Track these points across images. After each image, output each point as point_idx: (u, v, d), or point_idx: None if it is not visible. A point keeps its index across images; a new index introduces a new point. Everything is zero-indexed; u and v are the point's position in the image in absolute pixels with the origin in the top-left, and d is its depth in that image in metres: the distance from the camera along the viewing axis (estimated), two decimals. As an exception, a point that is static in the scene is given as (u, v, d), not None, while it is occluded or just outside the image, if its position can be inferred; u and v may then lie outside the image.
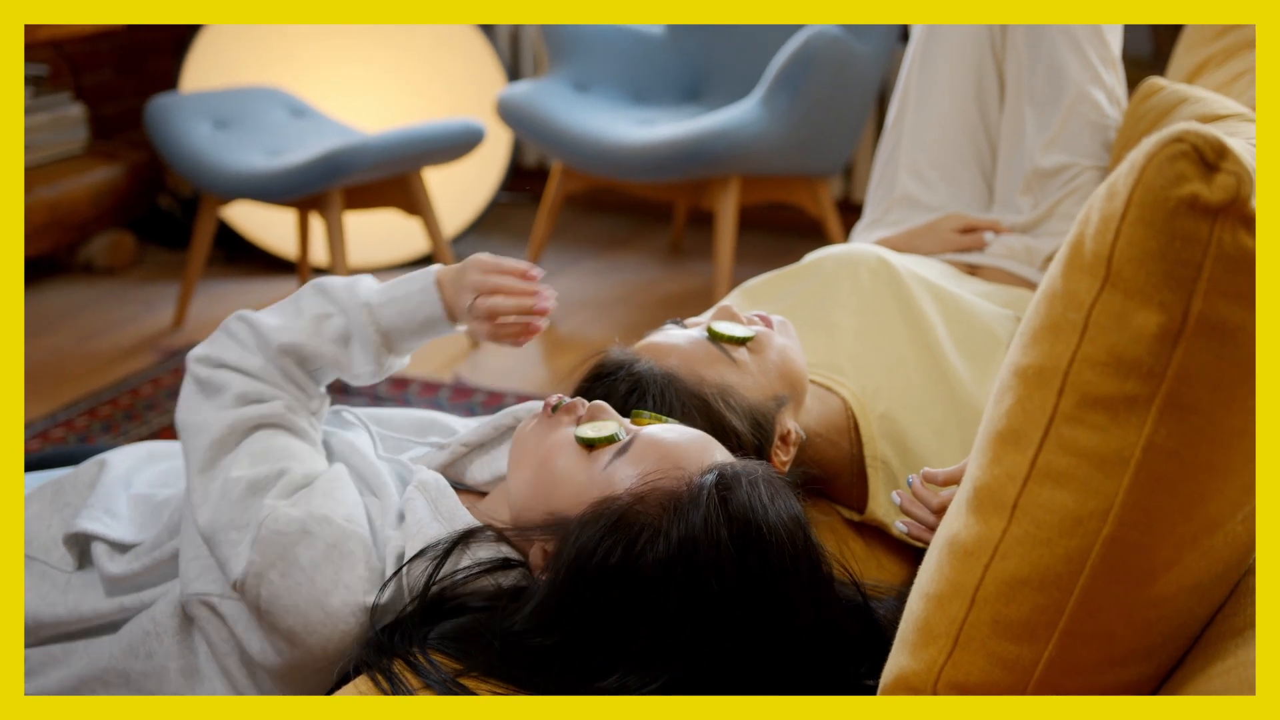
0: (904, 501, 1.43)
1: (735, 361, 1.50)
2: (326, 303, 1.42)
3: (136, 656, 1.40)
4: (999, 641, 1.00)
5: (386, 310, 1.41)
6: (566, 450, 1.29)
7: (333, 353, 1.40)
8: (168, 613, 1.39)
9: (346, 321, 1.41)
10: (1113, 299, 0.92)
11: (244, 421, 1.35)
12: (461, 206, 4.26)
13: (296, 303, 1.43)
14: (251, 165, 3.44)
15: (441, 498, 1.34)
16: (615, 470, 1.25)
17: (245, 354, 1.40)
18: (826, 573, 1.25)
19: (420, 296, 1.41)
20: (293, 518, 1.27)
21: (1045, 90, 2.15)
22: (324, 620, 1.24)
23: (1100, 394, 0.93)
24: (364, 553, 1.27)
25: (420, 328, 1.42)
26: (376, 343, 1.41)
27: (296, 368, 1.40)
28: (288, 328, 1.40)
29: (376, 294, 1.42)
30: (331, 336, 1.41)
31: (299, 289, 1.44)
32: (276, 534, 1.26)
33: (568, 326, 3.73)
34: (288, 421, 1.37)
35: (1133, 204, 0.90)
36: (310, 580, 1.25)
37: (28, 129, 3.94)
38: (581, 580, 1.19)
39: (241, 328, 1.42)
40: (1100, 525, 0.94)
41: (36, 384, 3.31)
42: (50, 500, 1.59)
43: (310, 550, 1.26)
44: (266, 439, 1.35)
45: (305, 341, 1.40)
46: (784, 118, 3.39)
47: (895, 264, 1.80)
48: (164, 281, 4.07)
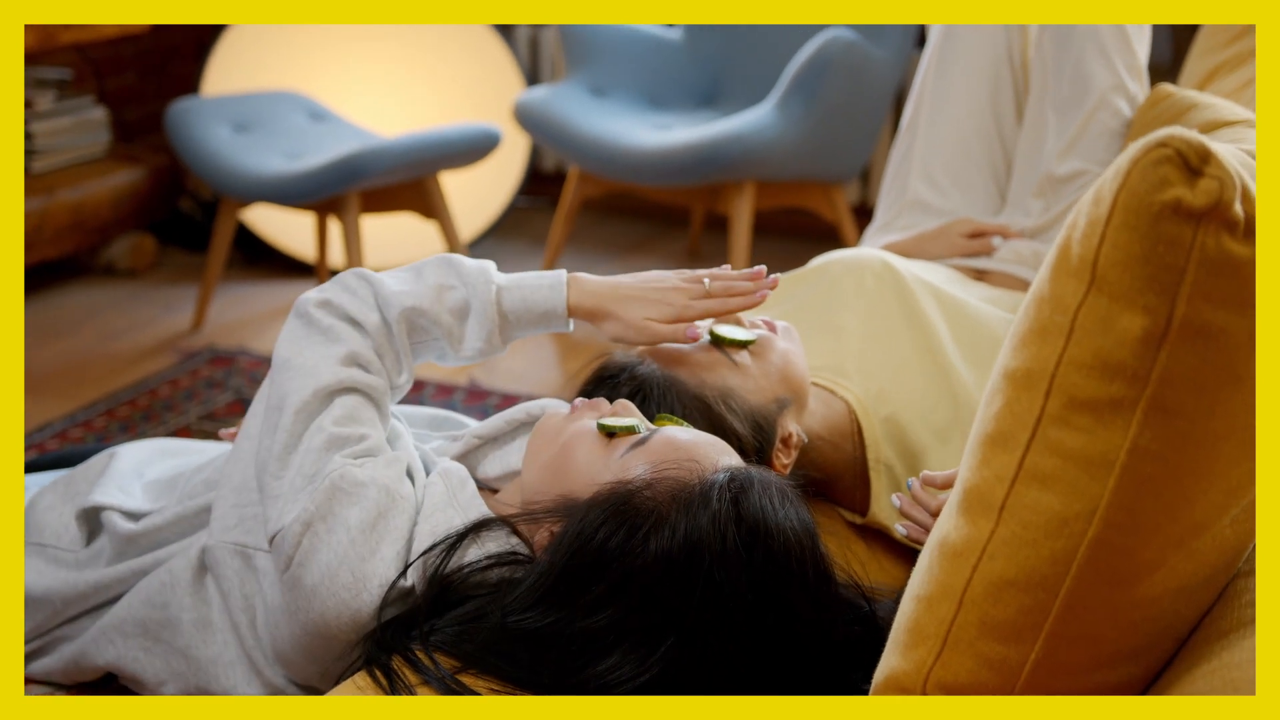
0: (903, 505, 1.44)
1: (737, 365, 1.51)
2: (451, 275, 1.44)
3: (153, 606, 1.42)
4: (986, 642, 1.01)
5: (511, 295, 1.44)
6: (586, 436, 1.31)
7: (448, 323, 1.43)
8: (184, 565, 1.42)
9: (468, 295, 1.43)
10: (1098, 303, 0.93)
11: (351, 381, 1.37)
12: (480, 210, 4.28)
13: (419, 270, 1.46)
14: (270, 168, 3.46)
15: (460, 487, 1.35)
16: (631, 459, 1.27)
17: (365, 309, 1.41)
18: (832, 580, 1.26)
19: (549, 291, 1.45)
20: (358, 479, 1.29)
21: (1069, 95, 2.15)
22: (349, 584, 1.25)
23: (1086, 397, 0.94)
24: (408, 530, 1.29)
25: (538, 319, 1.46)
26: (495, 322, 1.43)
27: (407, 335, 1.42)
28: (410, 292, 1.42)
29: (505, 278, 1.46)
30: (451, 307, 1.43)
31: (426, 259, 1.47)
32: (336, 489, 1.28)
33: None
34: (381, 401, 1.39)
35: (1117, 208, 0.91)
36: (351, 542, 1.26)
37: (51, 133, 3.98)
38: (580, 560, 1.20)
39: (361, 285, 1.44)
40: (1085, 527, 0.95)
41: (56, 384, 3.34)
42: (62, 492, 1.61)
43: (362, 513, 1.27)
44: (359, 403, 1.37)
45: (428, 308, 1.42)
46: (799, 123, 3.40)
47: (900, 269, 1.81)
48: (184, 284, 4.10)
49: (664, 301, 1.47)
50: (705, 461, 1.26)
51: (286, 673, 1.36)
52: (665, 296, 1.47)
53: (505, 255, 4.39)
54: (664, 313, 1.47)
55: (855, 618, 1.28)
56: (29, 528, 1.58)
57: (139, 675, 1.44)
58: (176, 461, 1.66)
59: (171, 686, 1.42)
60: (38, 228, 3.72)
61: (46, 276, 4.08)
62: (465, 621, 1.22)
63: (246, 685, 1.38)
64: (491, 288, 1.44)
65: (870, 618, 1.29)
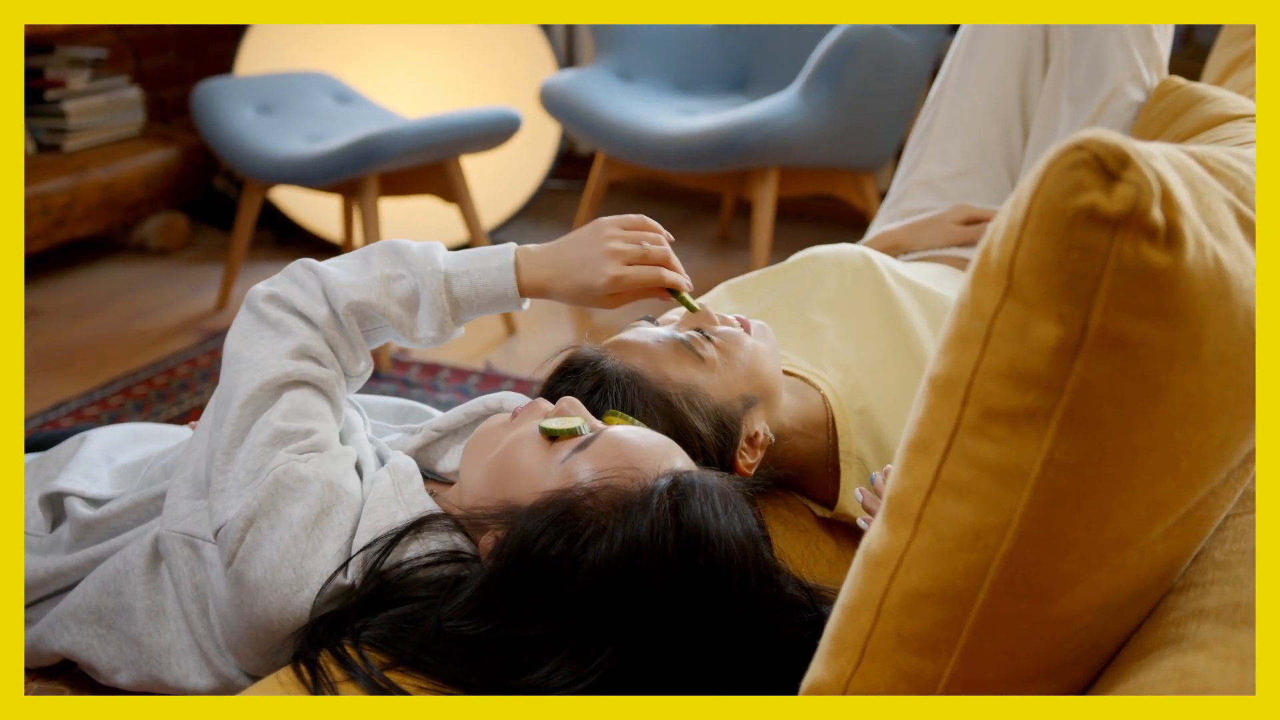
0: (865, 499, 1.42)
1: (703, 360, 1.48)
2: (398, 263, 1.43)
3: (107, 594, 1.42)
4: (903, 655, 0.99)
5: (460, 281, 1.43)
6: (528, 440, 1.29)
7: (398, 314, 1.41)
8: (138, 552, 1.41)
9: (417, 284, 1.41)
10: (1014, 309, 0.90)
11: (300, 374, 1.36)
12: (512, 191, 4.28)
13: (366, 258, 1.44)
14: (290, 150, 3.47)
15: (406, 481, 1.34)
16: (573, 464, 1.25)
17: (312, 303, 1.40)
18: (779, 588, 1.24)
19: (497, 274, 1.43)
20: (302, 474, 1.28)
21: (1084, 84, 2.11)
22: (290, 581, 1.24)
23: (1001, 406, 0.91)
24: (351, 526, 1.27)
25: (490, 303, 1.45)
26: (446, 310, 1.42)
27: (358, 325, 1.41)
28: (357, 284, 1.40)
29: (452, 262, 1.43)
30: (399, 298, 1.41)
31: (369, 245, 1.45)
32: (280, 484, 1.27)
33: (606, 315, 3.73)
34: (333, 393, 1.38)
35: (1032, 213, 0.88)
36: (293, 539, 1.25)
37: (84, 111, 4.00)
38: (520, 569, 1.18)
39: (309, 277, 1.42)
40: (999, 540, 0.92)
41: (79, 362, 3.37)
42: (31, 475, 1.61)
43: (305, 510, 1.26)
44: (308, 397, 1.35)
45: (375, 300, 1.40)
46: (823, 109, 3.36)
47: (879, 265, 1.78)
48: (214, 263, 4.12)
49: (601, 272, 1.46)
50: (648, 466, 1.23)
51: (238, 663, 1.36)
52: (603, 267, 1.46)
53: (536, 238, 4.38)
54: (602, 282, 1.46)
55: (804, 622, 1.26)
56: (-8, 511, 1.58)
57: (93, 663, 1.44)
58: (147, 447, 1.66)
59: (125, 675, 1.42)
60: (68, 205, 3.75)
61: (77, 254, 4.12)
62: (402, 621, 1.21)
63: (198, 676, 1.38)
64: (439, 276, 1.41)
65: (820, 622, 1.26)
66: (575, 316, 3.77)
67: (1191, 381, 0.89)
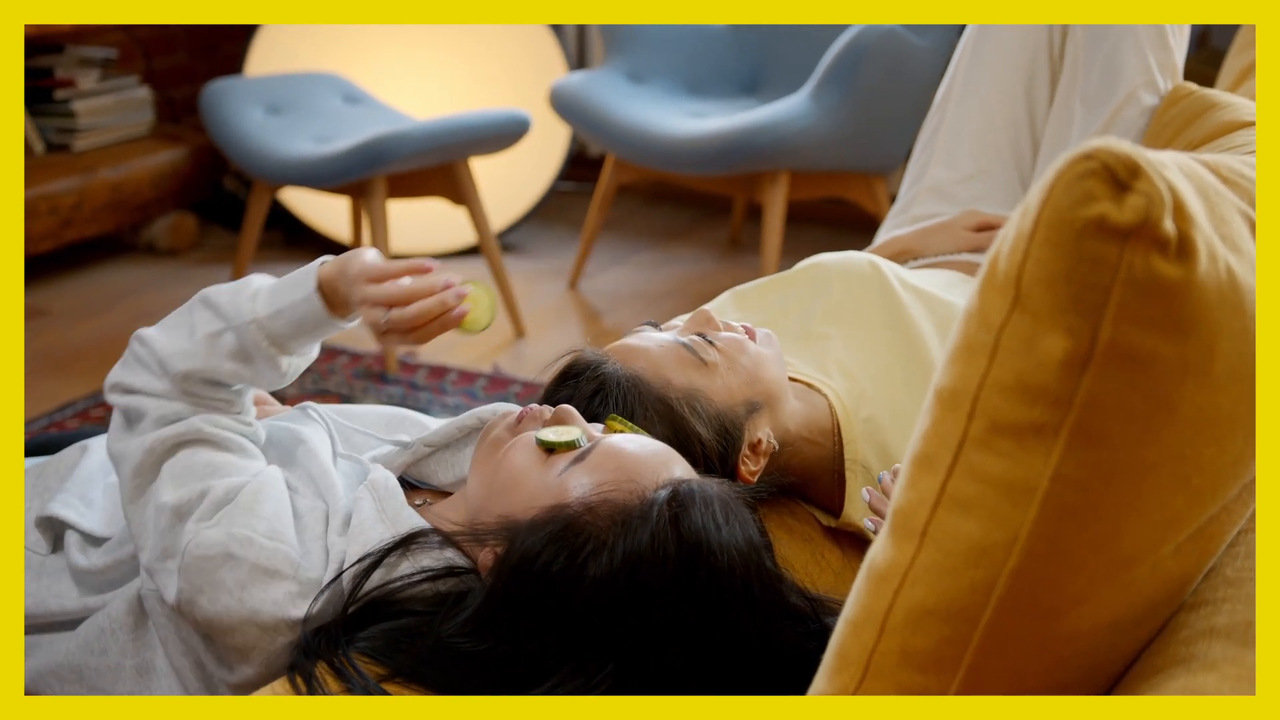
0: (872, 499, 1.40)
1: (705, 364, 1.47)
2: (215, 318, 1.37)
3: (91, 653, 1.40)
4: (907, 672, 0.97)
5: (275, 322, 1.36)
6: (525, 453, 1.27)
7: (233, 370, 1.36)
8: (123, 610, 1.39)
9: (239, 337, 1.36)
10: (1022, 321, 0.88)
11: (161, 444, 1.33)
12: (522, 193, 4.26)
13: (190, 317, 1.38)
14: (298, 151, 3.46)
15: (389, 498, 1.32)
16: (570, 477, 1.23)
17: (151, 378, 1.37)
18: (782, 597, 1.22)
19: (305, 306, 1.35)
20: (214, 541, 1.25)
21: (1098, 89, 2.08)
22: (261, 636, 1.23)
23: (1008, 420, 0.89)
24: (290, 568, 1.25)
25: (312, 333, 1.38)
26: (273, 354, 1.36)
27: (203, 387, 1.37)
28: (184, 353, 1.35)
29: (264, 304, 1.36)
30: (228, 354, 1.36)
31: (189, 303, 1.39)
32: (200, 559, 1.25)
33: (615, 319, 3.72)
34: (207, 435, 1.35)
35: (1041, 223, 0.86)
36: (239, 601, 1.23)
37: (93, 111, 4.00)
38: (522, 586, 1.17)
39: (143, 351, 1.38)
40: (1005, 557, 0.90)
41: (85, 363, 3.36)
42: (32, 484, 1.60)
43: (235, 572, 1.24)
44: (187, 458, 1.33)
45: (203, 366, 1.35)
46: (833, 113, 3.34)
47: (887, 273, 1.76)
48: (223, 264, 4.11)
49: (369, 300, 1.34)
50: (646, 477, 1.22)
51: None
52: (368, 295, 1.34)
53: (545, 240, 4.37)
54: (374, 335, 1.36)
55: (809, 632, 1.24)
56: (-8, 518, 1.57)
57: None
58: None
59: None
60: (76, 205, 3.74)
61: (86, 255, 4.11)
62: (399, 634, 1.20)
63: None
64: (252, 326, 1.35)
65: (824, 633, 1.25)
66: (584, 319, 3.76)
67: (1203, 396, 0.87)
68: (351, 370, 3.33)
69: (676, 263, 4.18)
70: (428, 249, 4.18)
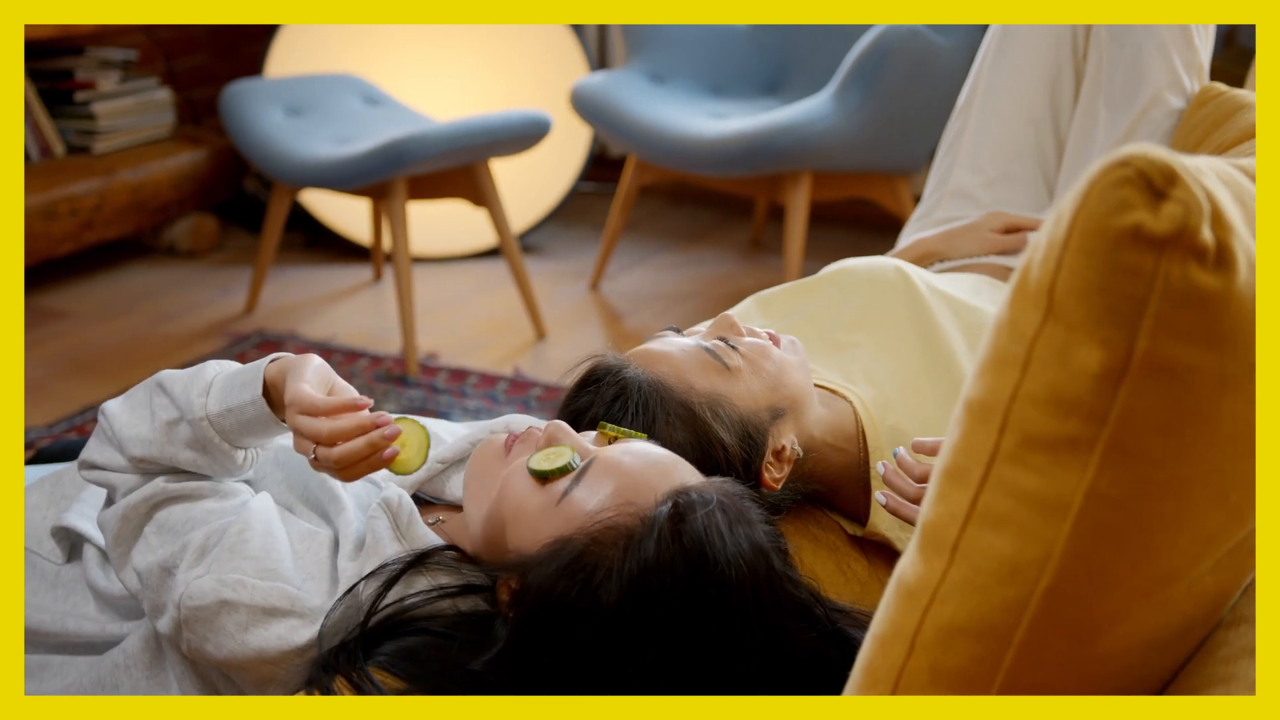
0: (886, 472, 1.38)
1: (728, 369, 1.45)
2: (171, 406, 1.35)
3: (103, 687, 1.39)
4: (937, 691, 0.94)
5: (224, 420, 1.32)
6: (522, 484, 1.24)
7: (189, 458, 1.33)
8: (139, 646, 1.38)
9: (192, 431, 1.33)
10: (1055, 333, 0.85)
11: (133, 511, 1.32)
12: (543, 195, 4.24)
13: (150, 400, 1.36)
14: (318, 153, 3.45)
15: (403, 515, 1.31)
16: (569, 505, 1.20)
17: (115, 455, 1.36)
18: (793, 599, 1.20)
19: (251, 409, 1.31)
20: (205, 590, 1.23)
21: (1123, 91, 2.05)
22: (274, 669, 1.23)
23: (1041, 434, 0.87)
24: (287, 602, 1.23)
25: (264, 431, 1.33)
26: (226, 449, 1.33)
27: (157, 468, 1.35)
28: (141, 439, 1.34)
29: (215, 400, 1.32)
30: (185, 442, 1.33)
31: (148, 381, 1.38)
32: (195, 610, 1.23)
33: (636, 320, 3.70)
34: (174, 493, 1.33)
35: (1074, 232, 0.84)
36: (244, 644, 1.22)
37: (113, 114, 4.00)
38: (542, 625, 1.16)
39: (106, 426, 1.37)
40: (1039, 575, 0.88)
41: (105, 366, 3.36)
42: (49, 492, 1.59)
43: (233, 616, 1.23)
44: (163, 519, 1.32)
45: (158, 455, 1.33)
46: (856, 113, 3.31)
47: (915, 279, 1.73)
48: (243, 265, 4.10)
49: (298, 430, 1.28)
50: (644, 493, 1.19)
51: None
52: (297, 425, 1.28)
53: (566, 241, 4.36)
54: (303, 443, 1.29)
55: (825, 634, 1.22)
56: (10, 525, 1.56)
57: None
58: None
59: None
60: (97, 207, 3.74)
61: (106, 257, 4.11)
62: (420, 650, 1.18)
63: None
64: (203, 423, 1.32)
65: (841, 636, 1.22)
66: (606, 321, 3.74)
67: (1242, 409, 0.85)
68: (373, 373, 3.32)
69: (698, 264, 4.16)
70: (448, 251, 4.17)
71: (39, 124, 3.89)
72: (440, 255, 4.17)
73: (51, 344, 3.50)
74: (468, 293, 3.91)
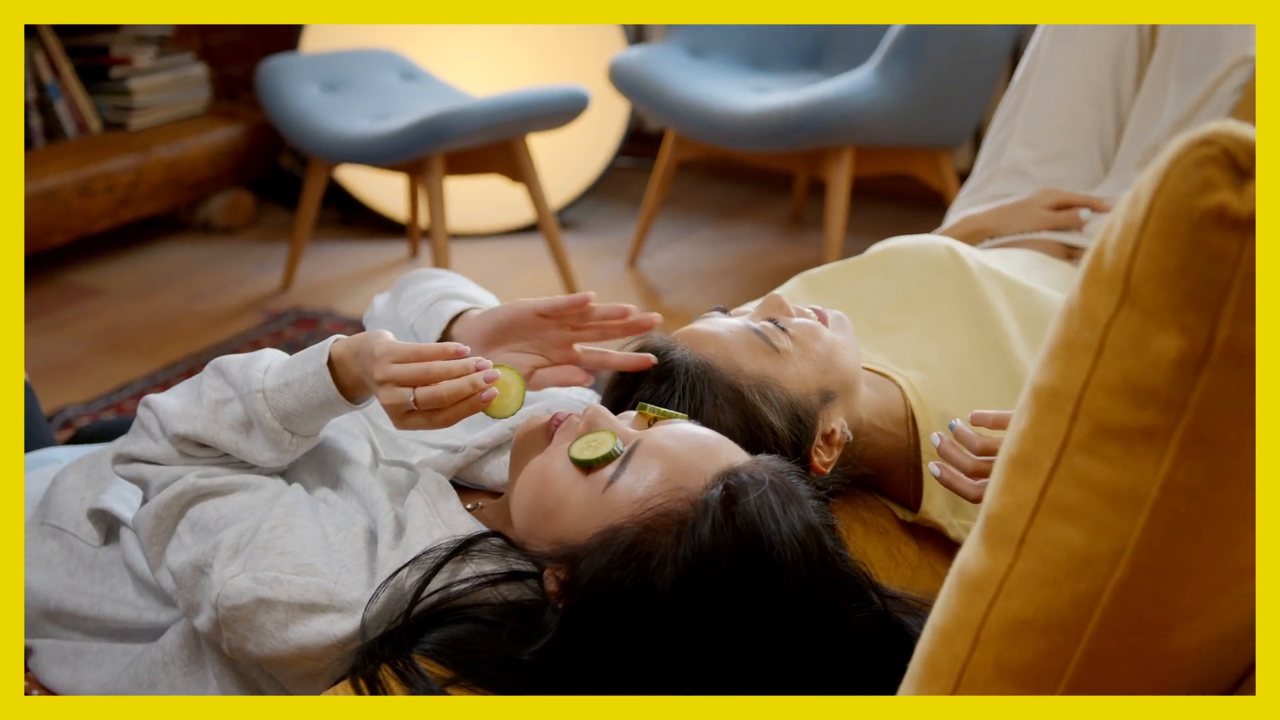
0: (942, 444, 1.34)
1: (778, 351, 1.41)
2: (225, 386, 1.33)
3: (141, 685, 1.38)
4: (1002, 686, 0.92)
5: (282, 396, 1.30)
6: (565, 473, 1.21)
7: (231, 440, 1.31)
8: (177, 644, 1.37)
9: (244, 407, 1.31)
10: (1131, 319, 0.82)
11: (165, 510, 1.30)
12: (580, 170, 4.21)
13: (199, 384, 1.35)
14: (355, 129, 3.42)
15: (443, 501, 1.29)
16: (616, 491, 1.17)
17: (151, 444, 1.34)
18: (848, 580, 1.18)
19: (314, 380, 1.30)
20: (242, 589, 1.22)
21: (1197, 61, 2.00)
22: (316, 664, 1.21)
23: (1115, 423, 0.84)
24: (325, 597, 1.21)
25: (319, 411, 1.31)
26: (276, 429, 1.30)
27: (196, 449, 1.33)
28: (186, 415, 1.32)
29: (273, 376, 1.32)
30: (230, 423, 1.31)
31: (201, 371, 1.37)
32: (233, 610, 1.22)
33: (675, 298, 3.66)
34: (205, 489, 1.31)
35: (1154, 214, 0.80)
36: (283, 641, 1.21)
37: (149, 89, 3.98)
38: (595, 614, 1.14)
39: (148, 415, 1.35)
40: (1111, 569, 0.85)
41: (141, 343, 3.35)
42: (87, 474, 1.58)
43: (271, 614, 1.21)
44: (196, 514, 1.29)
45: (202, 431, 1.31)
46: (901, 87, 3.26)
47: (967, 259, 1.69)
48: (279, 242, 4.09)
49: (387, 413, 1.29)
50: (693, 476, 1.16)
51: None
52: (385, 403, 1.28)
53: (603, 217, 4.33)
54: (393, 418, 1.29)
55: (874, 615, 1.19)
56: (49, 507, 1.54)
57: None
58: None
59: None
60: (133, 184, 3.73)
61: (143, 233, 4.11)
62: (467, 638, 1.16)
63: None
64: (259, 396, 1.30)
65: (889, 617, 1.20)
66: (644, 299, 3.71)
67: (1326, 398, 0.81)
68: (409, 350, 3.29)
69: (737, 240, 4.12)
70: (484, 227, 4.14)
71: (75, 100, 3.88)
72: (477, 231, 4.14)
73: (88, 321, 3.49)
74: (504, 269, 3.89)
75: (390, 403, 1.26)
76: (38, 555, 1.51)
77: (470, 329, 1.44)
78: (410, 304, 1.53)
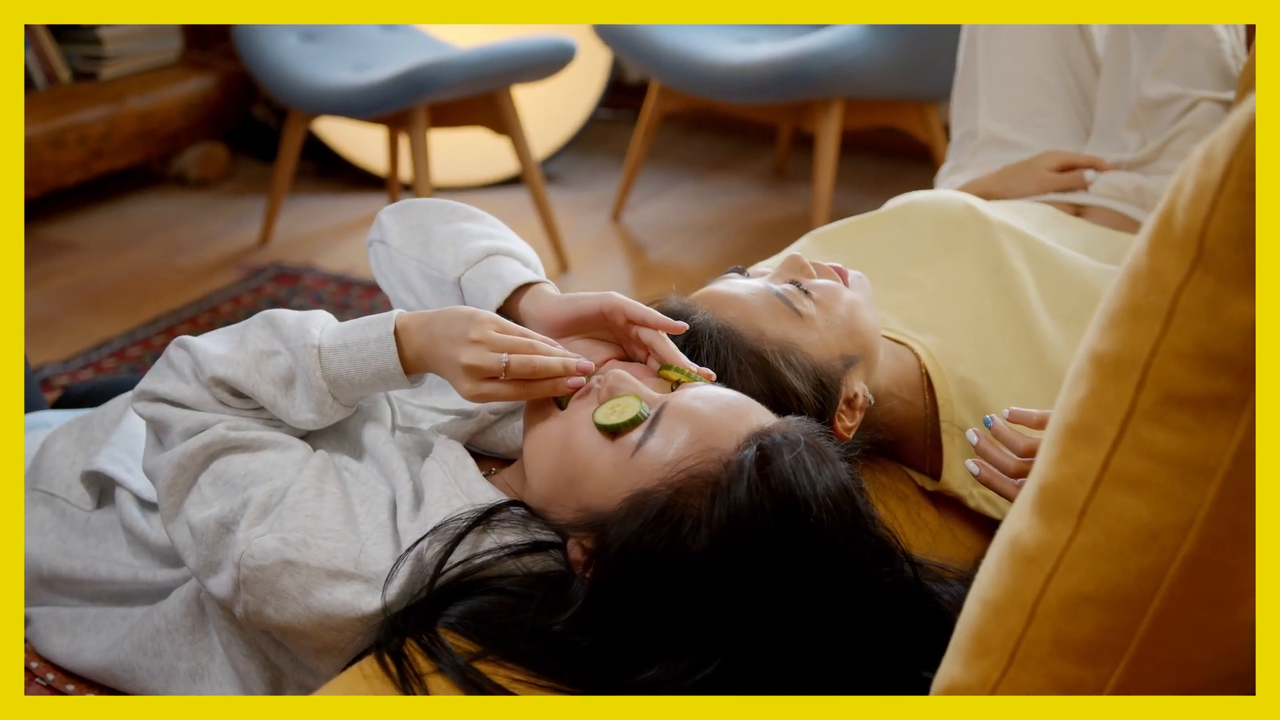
0: (980, 441, 1.31)
1: (800, 315, 1.38)
2: (273, 338, 1.27)
3: (145, 654, 1.35)
4: (1060, 662, 0.89)
5: (337, 356, 1.25)
6: (589, 439, 1.17)
7: (270, 394, 1.26)
8: (180, 611, 1.33)
9: (292, 362, 1.26)
10: (1204, 283, 0.79)
11: (190, 459, 1.24)
12: (560, 122, 4.15)
13: (243, 332, 1.29)
14: (336, 80, 3.35)
15: (461, 470, 1.25)
16: (645, 455, 1.14)
17: (181, 384, 1.28)
18: (879, 541, 1.16)
19: (376, 346, 1.25)
20: (268, 549, 1.17)
21: None
22: (337, 637, 1.17)
23: (1186, 391, 0.81)
24: (352, 565, 1.17)
25: (371, 379, 1.26)
26: (323, 389, 1.25)
27: (231, 397, 1.28)
28: (228, 359, 1.26)
29: (330, 336, 1.27)
30: (273, 376, 1.26)
31: (249, 318, 1.31)
32: (256, 570, 1.17)
33: (659, 253, 3.62)
34: (234, 441, 1.25)
35: (1233, 173, 0.77)
36: (306, 607, 1.16)
37: (120, 38, 3.90)
38: (627, 580, 1.11)
39: (181, 355, 1.29)
40: (1180, 541, 0.82)
41: (119, 300, 3.29)
42: (76, 437, 1.54)
43: (296, 578, 1.16)
44: (222, 468, 1.24)
45: (243, 378, 1.25)
46: (891, 39, 3.22)
47: (986, 214, 1.65)
48: (255, 195, 4.02)
49: (456, 378, 1.25)
50: (724, 437, 1.13)
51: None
52: (459, 382, 1.24)
53: (585, 170, 4.27)
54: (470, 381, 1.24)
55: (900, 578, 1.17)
56: (39, 472, 1.50)
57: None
58: None
59: None
60: (105, 135, 3.66)
61: (115, 186, 4.02)
62: (492, 610, 1.13)
63: None
64: (313, 352, 1.26)
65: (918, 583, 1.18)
66: (630, 253, 3.66)
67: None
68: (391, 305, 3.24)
69: (721, 194, 4.08)
70: (463, 180, 4.08)
71: (44, 50, 3.79)
72: (456, 184, 4.08)
73: (62, 277, 3.42)
74: (486, 223, 3.83)
75: (478, 363, 1.21)
76: (29, 522, 1.47)
77: (546, 313, 1.35)
78: (449, 248, 1.44)
